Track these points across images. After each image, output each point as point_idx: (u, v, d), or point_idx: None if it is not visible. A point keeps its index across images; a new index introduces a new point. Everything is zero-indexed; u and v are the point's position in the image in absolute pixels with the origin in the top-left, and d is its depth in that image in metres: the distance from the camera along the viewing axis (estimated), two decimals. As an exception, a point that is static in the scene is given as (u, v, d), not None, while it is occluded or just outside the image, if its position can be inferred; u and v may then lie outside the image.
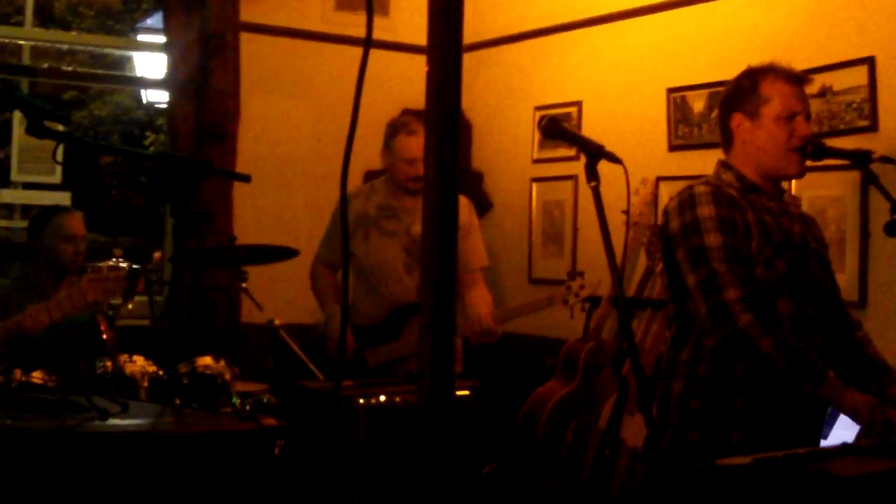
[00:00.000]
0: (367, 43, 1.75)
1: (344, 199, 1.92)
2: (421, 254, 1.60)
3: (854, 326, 3.74)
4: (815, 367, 3.33)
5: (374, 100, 6.63)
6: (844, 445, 3.04)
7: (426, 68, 1.56)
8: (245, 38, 6.44)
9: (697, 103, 5.61)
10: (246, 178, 3.55)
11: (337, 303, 5.47)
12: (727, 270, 3.41)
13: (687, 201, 3.56)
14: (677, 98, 5.72)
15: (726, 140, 3.71)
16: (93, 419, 2.62)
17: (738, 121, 3.64)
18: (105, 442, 2.54)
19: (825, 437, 3.71)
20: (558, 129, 3.15)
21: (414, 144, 5.17)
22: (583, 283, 5.29)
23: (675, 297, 3.64)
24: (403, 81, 6.77)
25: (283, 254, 5.29)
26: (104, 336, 3.00)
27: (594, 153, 2.96)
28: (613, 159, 2.95)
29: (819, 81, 4.92)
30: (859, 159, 3.60)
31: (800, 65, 3.81)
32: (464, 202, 5.45)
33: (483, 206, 6.79)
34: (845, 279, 4.83)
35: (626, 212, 3.84)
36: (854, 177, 4.84)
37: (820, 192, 4.96)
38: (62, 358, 3.44)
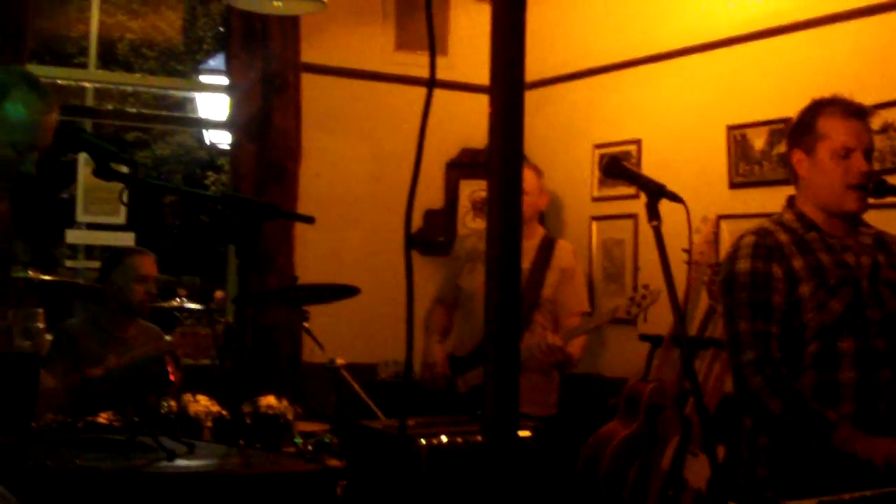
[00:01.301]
0: (431, 83, 1.76)
1: (408, 238, 1.92)
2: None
3: None
4: (824, 423, 3.33)
5: (433, 138, 6.64)
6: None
7: (488, 109, 1.57)
8: (306, 78, 6.50)
9: (758, 140, 5.58)
10: (310, 220, 3.57)
11: (438, 334, 5.82)
12: (748, 330, 3.47)
13: (731, 254, 3.63)
14: (737, 135, 5.69)
15: (792, 175, 3.71)
16: (161, 460, 2.64)
17: (798, 157, 3.64)
18: (173, 483, 2.56)
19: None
20: (619, 168, 3.16)
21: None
22: (645, 293, 5.33)
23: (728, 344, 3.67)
24: (463, 120, 6.80)
25: (345, 292, 5.31)
26: (171, 377, 3.03)
27: (655, 192, 2.95)
28: (674, 198, 2.94)
29: (882, 117, 4.88)
30: (922, 197, 3.57)
31: (861, 101, 3.78)
32: (568, 247, 5.71)
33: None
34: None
35: (688, 251, 3.84)
36: (918, 214, 4.78)
37: (882, 229, 4.91)
38: (130, 399, 3.47)
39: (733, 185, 5.71)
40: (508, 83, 1.57)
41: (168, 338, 4.92)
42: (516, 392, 1.58)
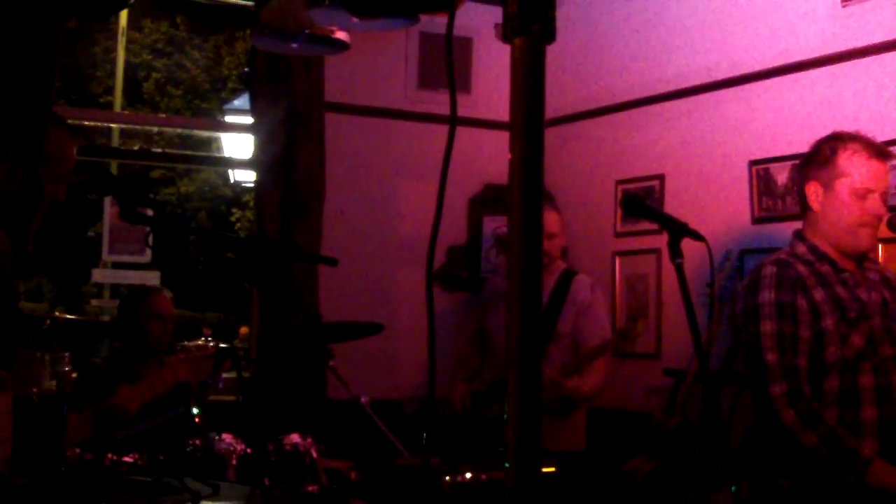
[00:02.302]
0: (453, 121, 1.78)
1: (430, 274, 1.92)
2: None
3: None
4: (857, 459, 3.31)
5: (456, 175, 6.67)
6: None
7: (509, 149, 1.59)
8: (330, 117, 6.53)
9: (781, 175, 5.59)
10: (333, 262, 3.59)
11: (466, 373, 5.90)
12: (776, 362, 3.43)
13: (752, 284, 3.58)
14: (760, 170, 5.70)
15: (802, 206, 3.70)
16: (185, 501, 2.65)
17: (814, 188, 3.63)
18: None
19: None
20: (641, 206, 3.18)
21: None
22: (630, 326, 5.33)
23: (753, 378, 3.65)
24: (486, 157, 6.82)
25: (369, 330, 5.33)
26: (197, 420, 3.06)
27: (677, 231, 2.97)
28: (696, 237, 2.96)
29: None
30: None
31: (884, 135, 3.79)
32: (585, 281, 5.73)
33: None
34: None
35: (710, 285, 3.84)
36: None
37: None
38: (157, 441, 3.50)
39: (756, 220, 5.71)
40: (528, 127, 1.58)
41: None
42: (538, 427, 1.58)
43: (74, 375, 5.10)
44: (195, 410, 3.06)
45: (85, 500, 2.59)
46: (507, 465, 1.56)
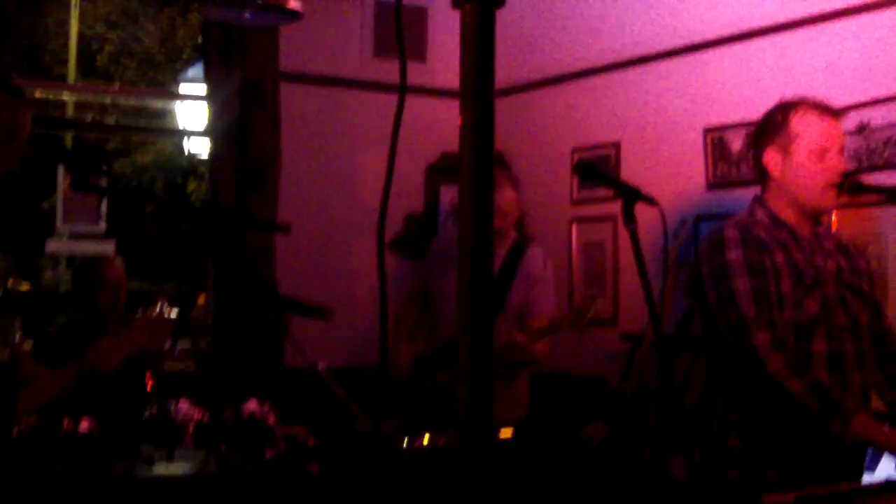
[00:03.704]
0: (402, 89, 1.78)
1: (381, 242, 1.93)
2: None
3: None
4: (844, 410, 3.33)
5: (413, 145, 6.68)
6: (889, 482, 3.03)
7: (460, 113, 1.58)
8: (284, 86, 6.50)
9: (735, 142, 5.62)
10: (285, 230, 3.59)
11: (406, 334, 5.72)
12: (756, 314, 3.43)
13: (716, 245, 3.57)
14: (715, 137, 5.73)
15: (761, 175, 3.71)
16: (139, 465, 2.66)
17: (771, 156, 3.63)
18: (151, 487, 2.58)
19: (872, 471, 3.68)
20: (593, 172, 3.18)
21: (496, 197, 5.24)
22: (588, 305, 5.28)
23: (710, 341, 3.66)
24: (442, 125, 6.81)
25: (316, 313, 5.26)
26: (149, 388, 3.06)
27: (630, 196, 2.97)
28: (650, 202, 2.96)
29: (857, 118, 4.91)
30: (896, 196, 3.59)
31: (838, 101, 3.80)
32: (538, 253, 5.54)
33: (523, 247, 6.82)
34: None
35: (665, 251, 3.85)
36: (894, 212, 4.82)
37: (859, 228, 4.95)
38: (110, 407, 3.49)
39: (711, 186, 5.75)
40: (479, 91, 1.58)
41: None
42: (490, 394, 1.59)
43: (27, 346, 5.08)
44: (149, 380, 3.06)
45: (40, 466, 2.59)
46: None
